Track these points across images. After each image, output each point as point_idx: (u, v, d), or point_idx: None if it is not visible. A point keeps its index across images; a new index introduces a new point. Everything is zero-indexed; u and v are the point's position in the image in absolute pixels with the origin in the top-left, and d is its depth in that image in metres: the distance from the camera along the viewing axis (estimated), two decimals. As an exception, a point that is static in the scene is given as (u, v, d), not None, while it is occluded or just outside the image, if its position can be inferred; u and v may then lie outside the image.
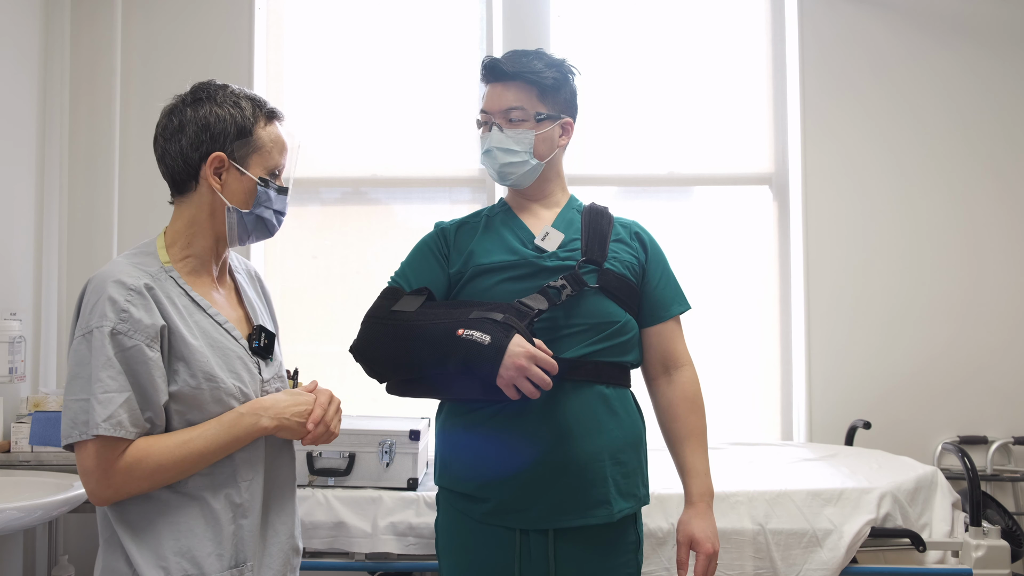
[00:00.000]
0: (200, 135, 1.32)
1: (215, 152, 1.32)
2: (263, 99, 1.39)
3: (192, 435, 1.24)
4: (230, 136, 1.32)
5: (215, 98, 1.34)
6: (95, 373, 1.19)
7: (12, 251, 2.67)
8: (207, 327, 1.30)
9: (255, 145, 1.34)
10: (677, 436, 1.62)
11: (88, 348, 1.21)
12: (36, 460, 2.33)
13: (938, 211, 3.00)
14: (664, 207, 3.13)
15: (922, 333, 2.97)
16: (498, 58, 1.64)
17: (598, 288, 1.56)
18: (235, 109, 1.33)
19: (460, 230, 1.69)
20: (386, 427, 2.27)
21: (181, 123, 1.33)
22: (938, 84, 3.02)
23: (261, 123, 1.35)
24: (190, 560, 1.24)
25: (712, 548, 1.54)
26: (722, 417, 2.98)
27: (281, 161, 1.38)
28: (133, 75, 3.00)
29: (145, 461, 1.21)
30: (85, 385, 1.20)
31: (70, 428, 1.21)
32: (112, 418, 1.18)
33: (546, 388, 1.38)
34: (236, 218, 1.35)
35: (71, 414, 1.20)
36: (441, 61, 3.16)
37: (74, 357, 1.23)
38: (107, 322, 1.21)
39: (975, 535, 2.15)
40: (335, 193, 3.17)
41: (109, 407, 1.19)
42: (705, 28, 3.15)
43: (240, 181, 1.34)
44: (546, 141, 1.63)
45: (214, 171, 1.33)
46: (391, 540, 2.12)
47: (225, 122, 1.32)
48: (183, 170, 1.34)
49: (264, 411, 1.29)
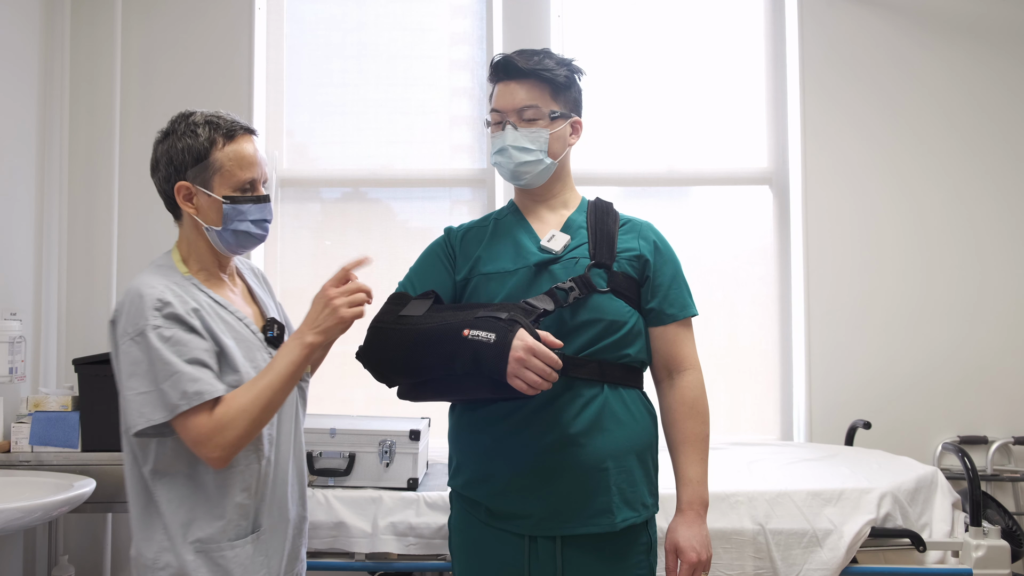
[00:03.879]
0: (168, 168, 1.47)
1: (179, 182, 1.46)
2: (228, 120, 1.48)
3: (260, 377, 1.39)
4: (187, 164, 1.45)
5: (177, 131, 1.47)
6: (168, 358, 1.33)
7: (12, 251, 2.67)
8: (231, 321, 1.46)
9: (214, 167, 1.46)
10: (673, 442, 1.61)
11: (147, 343, 1.34)
12: (36, 460, 2.33)
13: (938, 210, 3.00)
14: (664, 207, 3.13)
15: (923, 333, 2.97)
16: (511, 55, 1.62)
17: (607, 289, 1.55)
18: (191, 138, 1.46)
19: (467, 235, 1.69)
20: (386, 427, 2.27)
21: (155, 159, 1.49)
22: (939, 83, 3.02)
23: (219, 144, 1.46)
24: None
25: (696, 557, 1.52)
26: (722, 417, 2.98)
27: (247, 175, 1.47)
28: (133, 76, 3.00)
29: (234, 408, 1.35)
30: (165, 369, 1.33)
31: (156, 410, 1.33)
32: (207, 381, 1.34)
33: (549, 379, 1.37)
34: (216, 235, 1.48)
35: (152, 399, 1.33)
36: (441, 61, 3.16)
37: (131, 357, 1.35)
38: (156, 315, 1.36)
39: (975, 535, 2.15)
40: (335, 193, 3.17)
41: (202, 373, 1.35)
42: (705, 28, 3.15)
43: (209, 202, 1.46)
44: (559, 140, 1.63)
45: (184, 198, 1.47)
46: (391, 540, 2.12)
47: (183, 152, 1.45)
48: (167, 201, 1.50)
49: (303, 333, 1.42)
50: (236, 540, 1.42)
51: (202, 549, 1.40)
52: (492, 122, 1.65)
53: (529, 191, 1.67)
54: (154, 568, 1.39)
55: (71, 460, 2.32)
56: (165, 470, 1.40)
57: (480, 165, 3.12)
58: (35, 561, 2.66)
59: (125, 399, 1.36)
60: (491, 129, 1.65)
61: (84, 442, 2.35)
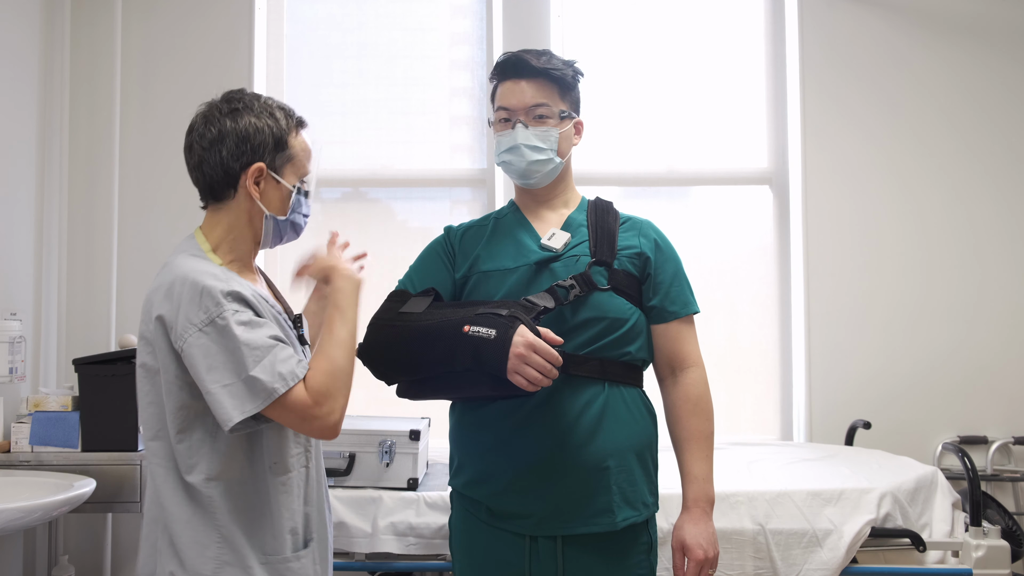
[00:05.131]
0: (241, 146, 1.36)
1: (256, 163, 1.37)
2: (292, 108, 1.44)
3: (335, 331, 1.34)
4: (269, 147, 1.38)
5: (252, 108, 1.38)
6: (253, 341, 1.25)
7: (12, 251, 2.67)
8: (273, 314, 1.39)
9: (289, 155, 1.40)
10: (678, 439, 1.61)
11: (224, 331, 1.25)
12: (36, 460, 2.33)
13: (938, 210, 3.00)
14: (664, 207, 3.13)
15: (923, 333, 2.97)
16: (522, 54, 1.61)
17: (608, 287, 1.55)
18: (271, 120, 1.38)
19: (467, 234, 1.69)
20: (386, 427, 2.27)
21: (221, 133, 1.36)
22: (939, 83, 3.02)
23: (293, 133, 1.42)
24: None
25: (703, 555, 1.51)
26: (722, 417, 2.95)
27: (309, 167, 1.45)
28: (133, 76, 3.00)
29: (328, 372, 1.29)
30: (252, 354, 1.25)
31: (250, 399, 1.24)
32: (296, 358, 1.28)
33: (549, 375, 1.36)
34: (272, 224, 1.41)
35: (241, 389, 1.24)
36: (441, 61, 3.16)
37: (204, 349, 1.25)
38: (226, 301, 1.27)
39: (975, 535, 2.15)
40: (335, 193, 3.17)
41: (288, 351, 1.28)
42: (704, 28, 3.15)
43: (277, 189, 1.40)
44: (566, 139, 1.63)
45: (254, 181, 1.38)
46: (391, 540, 2.12)
47: (264, 133, 1.37)
48: (222, 179, 1.38)
49: (347, 275, 1.41)
50: (299, 552, 1.36)
51: (266, 561, 1.31)
52: (498, 120, 1.64)
53: (532, 191, 1.67)
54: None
55: (71, 460, 2.32)
56: (219, 476, 1.30)
57: (480, 165, 3.12)
58: (35, 561, 2.66)
59: (211, 394, 1.24)
60: (496, 128, 1.65)
61: (84, 442, 2.35)
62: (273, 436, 1.36)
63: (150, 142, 2.98)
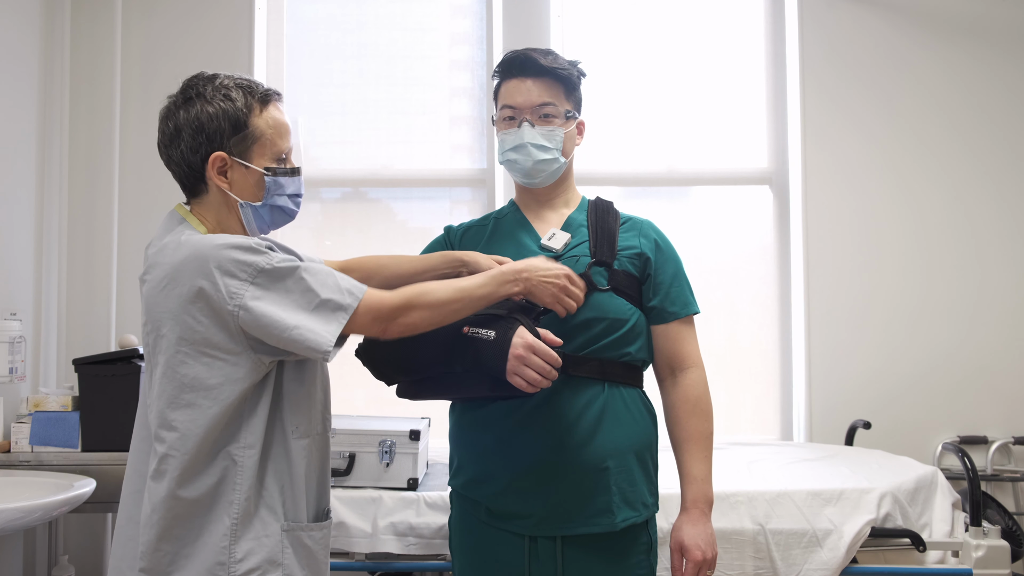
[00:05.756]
0: (196, 137, 1.29)
1: (214, 152, 1.29)
2: (255, 83, 1.35)
3: (450, 283, 1.35)
4: (226, 132, 1.30)
5: (204, 95, 1.30)
6: (308, 266, 1.24)
7: (12, 251, 2.67)
8: None
9: (253, 136, 1.32)
10: (677, 440, 1.61)
11: (276, 272, 1.23)
12: (36, 460, 2.33)
13: (938, 210, 3.00)
14: (664, 207, 3.13)
15: (923, 333, 2.97)
16: (529, 52, 1.61)
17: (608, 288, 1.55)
18: (226, 102, 1.30)
19: (467, 234, 1.69)
20: (386, 427, 2.27)
21: (177, 127, 1.31)
22: (939, 83, 3.02)
23: (256, 111, 1.32)
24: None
25: (701, 556, 1.51)
26: (722, 417, 2.95)
27: (286, 144, 1.36)
28: (133, 75, 3.00)
29: (414, 288, 1.32)
30: (315, 279, 1.24)
31: (331, 319, 1.23)
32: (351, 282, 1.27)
33: (549, 376, 1.36)
34: (251, 212, 1.34)
35: (318, 317, 1.23)
36: (441, 61, 3.16)
37: (266, 299, 1.22)
38: (261, 245, 1.25)
39: (975, 535, 2.15)
40: (335, 193, 3.17)
41: (338, 273, 1.28)
42: (704, 28, 3.15)
43: (246, 175, 1.32)
44: (570, 139, 1.64)
45: (218, 171, 1.31)
46: (391, 540, 2.12)
47: (218, 119, 1.29)
48: (189, 174, 1.32)
49: (508, 277, 1.38)
50: (319, 521, 1.34)
51: (289, 528, 1.28)
52: (502, 118, 1.63)
53: (533, 190, 1.67)
54: (247, 558, 1.22)
55: (71, 460, 2.32)
56: (254, 443, 1.25)
57: (480, 165, 3.12)
58: (35, 561, 2.66)
59: (293, 331, 1.20)
60: (500, 126, 1.64)
61: (84, 442, 2.35)
62: (292, 400, 1.32)
63: (150, 142, 2.92)
